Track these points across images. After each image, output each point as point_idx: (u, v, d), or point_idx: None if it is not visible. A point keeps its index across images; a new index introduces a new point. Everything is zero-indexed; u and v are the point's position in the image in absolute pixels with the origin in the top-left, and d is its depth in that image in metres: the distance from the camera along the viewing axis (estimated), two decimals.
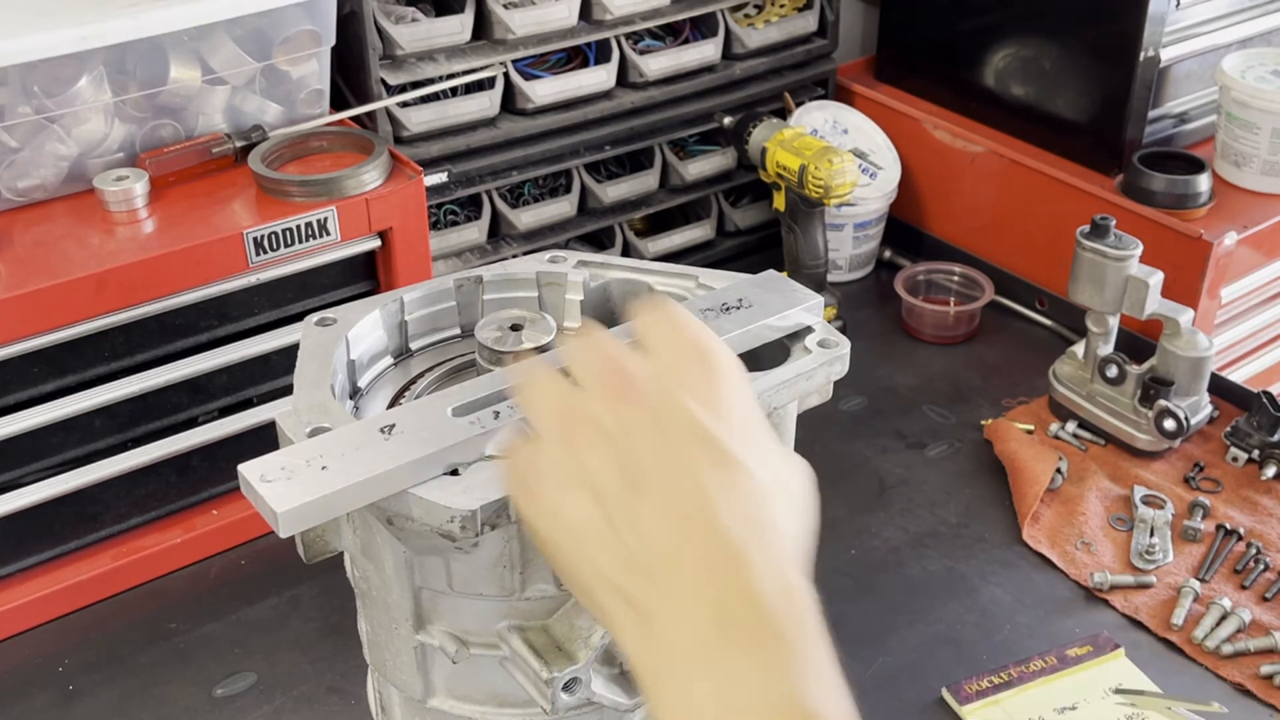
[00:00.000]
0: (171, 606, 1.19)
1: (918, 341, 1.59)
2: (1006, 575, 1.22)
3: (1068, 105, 1.54)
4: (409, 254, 1.23)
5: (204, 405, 1.20)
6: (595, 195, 1.57)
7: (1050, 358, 1.45)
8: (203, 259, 1.12)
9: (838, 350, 0.82)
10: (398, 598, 0.76)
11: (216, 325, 1.18)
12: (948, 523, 1.29)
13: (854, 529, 1.28)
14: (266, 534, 1.25)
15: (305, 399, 0.75)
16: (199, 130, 1.23)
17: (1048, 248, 1.56)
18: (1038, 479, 1.29)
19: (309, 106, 1.29)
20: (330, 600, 1.18)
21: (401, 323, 0.89)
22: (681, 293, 0.90)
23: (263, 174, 1.19)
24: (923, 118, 1.68)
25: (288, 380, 0.76)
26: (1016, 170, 1.58)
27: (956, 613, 1.18)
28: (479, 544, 0.71)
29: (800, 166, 1.47)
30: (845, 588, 1.20)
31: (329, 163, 1.24)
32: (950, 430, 1.43)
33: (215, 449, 1.21)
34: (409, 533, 0.70)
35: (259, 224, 1.14)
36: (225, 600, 1.19)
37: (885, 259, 1.74)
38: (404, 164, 1.24)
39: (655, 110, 1.58)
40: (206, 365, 1.17)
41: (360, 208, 1.19)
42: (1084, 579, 1.20)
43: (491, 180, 1.48)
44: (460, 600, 0.76)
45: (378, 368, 0.88)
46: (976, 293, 1.60)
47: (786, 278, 0.86)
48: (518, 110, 1.48)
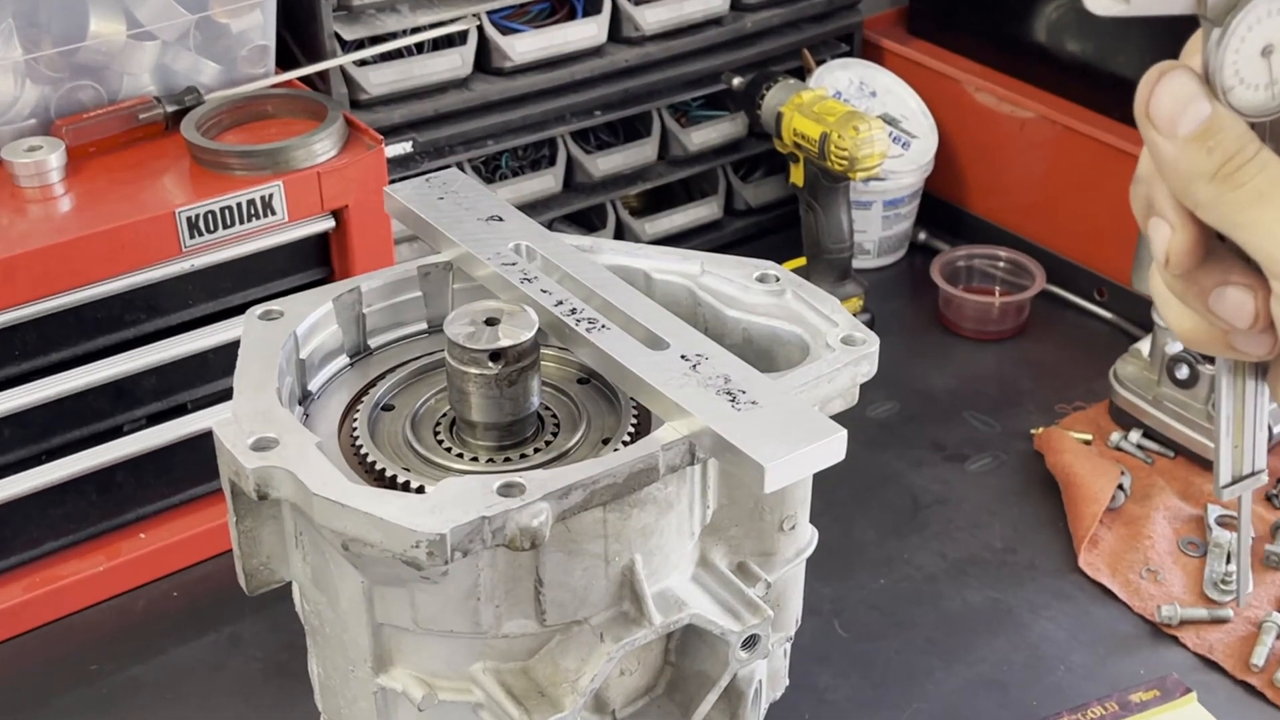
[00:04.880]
0: (92, 645, 1.18)
1: (957, 337, 1.59)
2: (1060, 608, 1.22)
3: (1131, 63, 1.54)
4: (367, 236, 1.23)
5: (130, 412, 1.20)
6: (584, 168, 1.57)
7: (1111, 357, 1.45)
8: (128, 242, 1.12)
9: (864, 348, 0.82)
10: (355, 635, 0.76)
11: (144, 319, 1.18)
12: (992, 548, 1.29)
13: (884, 555, 1.28)
14: (202, 562, 1.25)
15: (247, 405, 0.75)
16: (124, 93, 1.23)
17: (1108, 229, 1.56)
18: (1096, 497, 1.29)
19: (251, 65, 1.29)
20: (276, 638, 1.18)
21: (359, 316, 0.89)
22: (684, 281, 0.90)
23: (198, 144, 1.18)
24: (963, 78, 1.68)
25: (227, 383, 0.76)
26: (1072, 139, 1.58)
27: (1002, 652, 1.18)
28: (448, 573, 0.71)
29: (821, 135, 1.47)
30: (873, 623, 1.20)
31: (275, 130, 1.24)
32: (995, 440, 1.43)
33: (143, 462, 1.21)
34: (367, 559, 0.70)
35: (193, 202, 1.14)
36: (154, 638, 1.19)
37: (920, 242, 1.74)
38: (362, 132, 1.24)
39: (653, 70, 1.58)
40: (133, 365, 1.17)
41: (311, 183, 1.19)
42: (1150, 612, 1.20)
43: (464, 151, 1.48)
44: (427, 638, 0.76)
45: (331, 368, 0.88)
46: (1025, 281, 1.60)
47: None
48: (493, 69, 1.48)
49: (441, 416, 0.85)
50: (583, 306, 0.82)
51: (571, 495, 0.70)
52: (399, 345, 0.92)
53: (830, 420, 0.72)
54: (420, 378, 0.88)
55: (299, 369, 0.84)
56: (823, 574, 1.17)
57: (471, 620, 0.75)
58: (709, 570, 0.84)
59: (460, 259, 0.90)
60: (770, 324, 0.87)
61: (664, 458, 0.73)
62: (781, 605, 0.91)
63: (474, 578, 0.73)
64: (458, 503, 0.68)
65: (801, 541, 0.91)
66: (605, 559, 0.76)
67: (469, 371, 0.79)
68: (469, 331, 0.79)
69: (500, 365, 0.78)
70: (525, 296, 0.83)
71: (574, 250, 0.89)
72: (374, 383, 0.87)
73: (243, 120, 1.26)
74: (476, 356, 0.78)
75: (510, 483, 0.69)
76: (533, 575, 0.75)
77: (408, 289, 0.91)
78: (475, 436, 0.81)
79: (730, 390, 0.74)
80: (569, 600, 0.77)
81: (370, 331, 0.91)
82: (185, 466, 1.23)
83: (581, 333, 0.80)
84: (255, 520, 0.78)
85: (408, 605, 0.74)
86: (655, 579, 0.79)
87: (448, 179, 0.95)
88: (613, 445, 0.81)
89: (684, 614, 0.80)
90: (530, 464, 0.80)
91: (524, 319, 0.80)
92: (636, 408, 0.83)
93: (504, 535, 0.68)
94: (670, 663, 0.85)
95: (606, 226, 1.61)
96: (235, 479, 0.73)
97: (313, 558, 0.77)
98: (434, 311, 0.92)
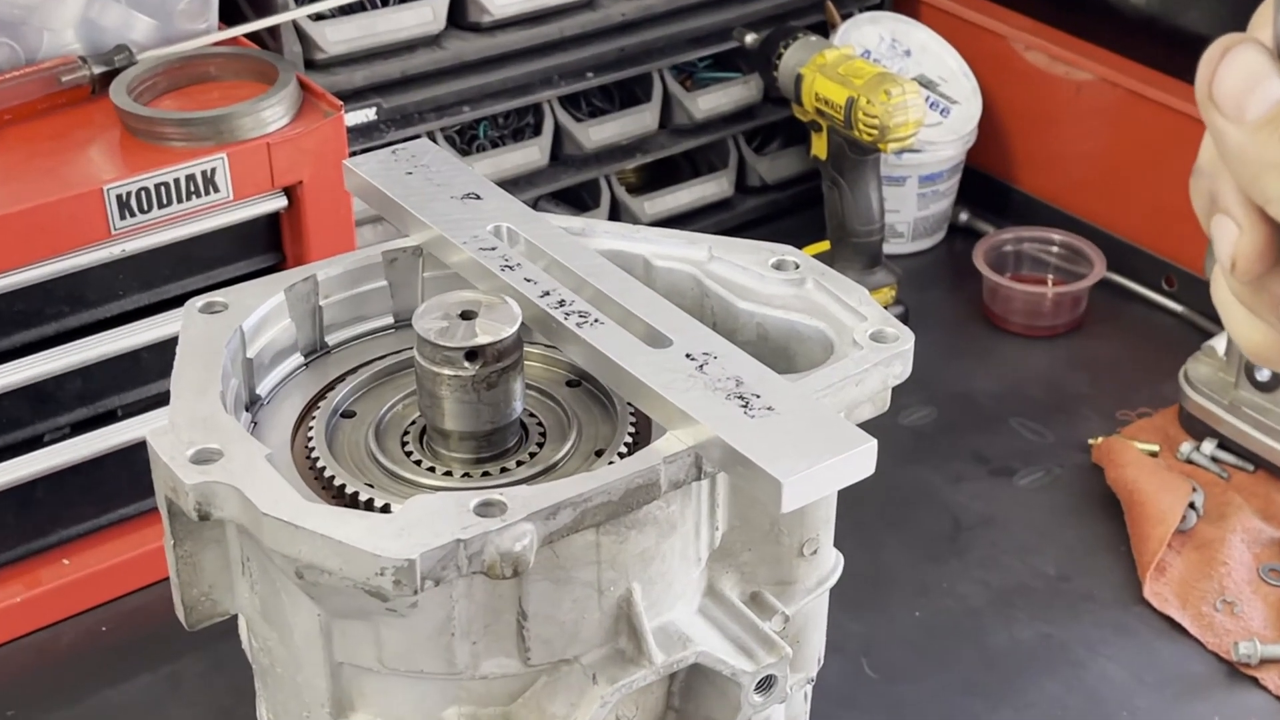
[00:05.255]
0: (8, 688, 1.19)
1: (1004, 333, 1.59)
2: (1122, 645, 1.22)
3: (1204, 18, 1.54)
4: (325, 217, 1.23)
5: (51, 419, 1.20)
6: (574, 138, 1.57)
7: (1181, 356, 1.45)
8: (49, 224, 1.12)
9: (897, 346, 0.82)
10: (310, 676, 0.77)
11: (68, 312, 1.18)
12: (1044, 575, 1.29)
13: (919, 583, 1.28)
14: (134, 592, 1.25)
15: (186, 411, 0.75)
16: (44, 53, 1.23)
17: (1177, 208, 1.56)
18: (1164, 517, 1.29)
19: (190, 20, 1.29)
20: (220, 679, 1.18)
21: (315, 309, 0.89)
22: (689, 269, 0.90)
23: (129, 110, 1.19)
24: (1011, 34, 1.68)
25: (164, 386, 0.77)
26: (1136, 104, 1.58)
27: (1055, 694, 1.18)
28: (418, 605, 0.71)
29: (848, 100, 1.47)
30: (908, 661, 1.20)
31: (218, 95, 1.24)
32: (1047, 452, 1.43)
33: (67, 477, 1.21)
34: (324, 589, 0.70)
35: (124, 177, 1.14)
36: (81, 679, 1.19)
37: (961, 223, 1.74)
38: (318, 97, 1.24)
39: (654, 24, 1.58)
40: (55, 366, 1.17)
41: (259, 155, 1.19)
42: (1225, 650, 1.20)
43: (435, 118, 1.48)
44: (394, 680, 0.76)
45: (283, 369, 0.88)
46: (1082, 269, 1.60)
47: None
48: (469, 24, 1.48)
49: (410, 424, 0.85)
50: (573, 298, 0.82)
51: (560, 515, 0.70)
52: (361, 342, 0.92)
53: (858, 429, 0.72)
54: (385, 380, 0.88)
55: (246, 370, 0.84)
56: (849, 606, 1.17)
57: (445, 659, 0.75)
58: (718, 601, 0.84)
59: (431, 243, 0.90)
60: (788, 318, 0.88)
61: (666, 472, 0.73)
62: (801, 642, 0.91)
63: (447, 610, 0.73)
64: (429, 524, 0.68)
65: (824, 569, 0.91)
66: (598, 589, 0.76)
67: (442, 373, 0.79)
68: (441, 327, 0.79)
69: (477, 366, 0.78)
70: (506, 286, 0.83)
71: (562, 233, 0.89)
72: (332, 385, 0.87)
73: (181, 83, 1.26)
74: (450, 355, 0.78)
75: (489, 501, 0.69)
76: (515, 607, 0.75)
77: (371, 278, 0.91)
78: (449, 448, 0.82)
79: (742, 394, 0.74)
80: (557, 636, 0.77)
81: (328, 327, 0.91)
82: (115, 482, 1.23)
83: (571, 328, 0.80)
84: (196, 544, 0.78)
85: (371, 642, 0.75)
86: (656, 611, 0.79)
87: (417, 151, 0.95)
88: (607, 458, 0.81)
89: (689, 652, 0.80)
90: (512, 479, 0.80)
91: (505, 312, 0.80)
92: (634, 414, 0.83)
93: (482, 561, 0.68)
94: (673, 708, 0.85)
95: (600, 206, 1.61)
96: (173, 496, 0.73)
97: (262, 587, 0.77)
98: (401, 304, 0.92)
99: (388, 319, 0.93)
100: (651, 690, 0.82)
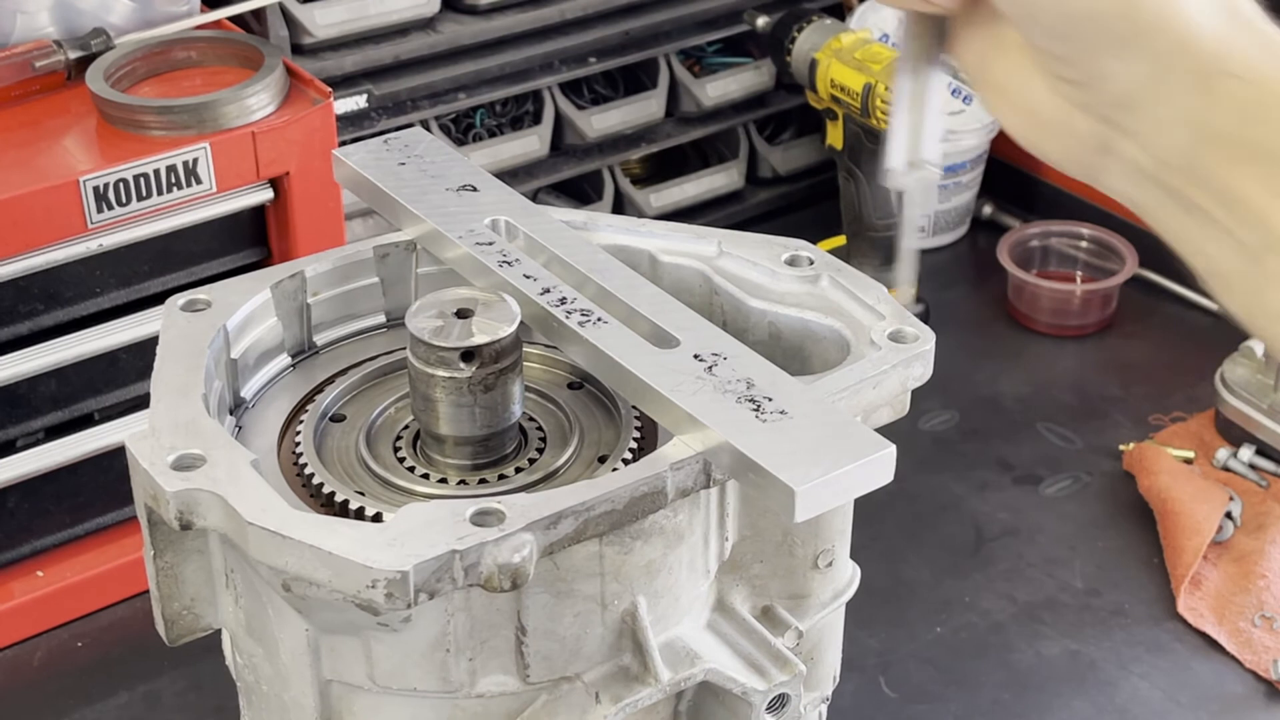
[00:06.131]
0: None
1: (1030, 333, 1.59)
2: (1155, 663, 1.22)
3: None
4: (313, 210, 1.23)
5: (24, 423, 1.20)
6: (576, 127, 1.57)
7: (1217, 357, 1.45)
8: (22, 218, 1.12)
9: (917, 346, 0.82)
10: (297, 694, 0.77)
11: (42, 310, 1.18)
12: (1072, 589, 1.29)
13: (940, 598, 1.28)
14: (112, 605, 1.25)
15: (167, 415, 0.76)
16: (16, 37, 1.23)
17: None
18: (1199, 527, 1.29)
19: (171, 2, 1.29)
20: (202, 697, 1.18)
21: (302, 307, 0.90)
22: (698, 265, 0.91)
23: (107, 97, 1.19)
24: None
25: (144, 388, 0.77)
26: None
27: (1085, 715, 1.18)
28: (411, 619, 0.71)
29: (865, 87, 1.47)
30: (928, 680, 1.20)
31: (200, 81, 1.24)
32: (1076, 459, 1.43)
33: (40, 484, 1.22)
34: (313, 603, 0.71)
35: (101, 168, 1.14)
36: (55, 697, 1.19)
37: (985, 217, 1.74)
38: (306, 83, 1.24)
39: (660, 7, 1.59)
40: (28, 367, 1.17)
41: (244, 145, 1.19)
42: (1264, 668, 1.20)
43: (429, 106, 1.48)
44: (385, 698, 0.76)
45: (269, 370, 0.88)
46: (1113, 265, 1.60)
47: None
48: (465, 7, 1.48)
49: (403, 429, 0.85)
50: (574, 295, 0.82)
51: (561, 525, 0.70)
52: (351, 342, 0.92)
53: (875, 434, 0.72)
54: (377, 382, 0.88)
55: (230, 371, 0.84)
56: (866, 621, 1.17)
57: (439, 676, 0.75)
58: (728, 616, 0.84)
59: (425, 237, 0.90)
60: (802, 316, 0.88)
61: (673, 479, 0.73)
62: (816, 659, 0.92)
63: (442, 625, 0.73)
64: (422, 534, 0.68)
65: (840, 582, 0.91)
66: (601, 602, 0.77)
67: (436, 374, 0.79)
68: (436, 326, 0.79)
69: (474, 367, 0.79)
70: (504, 283, 0.83)
71: (564, 227, 0.89)
72: (321, 388, 0.87)
73: (161, 69, 1.26)
74: (445, 356, 0.78)
75: (486, 509, 0.69)
76: (513, 622, 0.75)
77: (361, 274, 0.91)
78: (444, 453, 0.82)
79: (753, 397, 0.74)
80: (557, 652, 0.77)
81: (316, 326, 0.91)
82: (92, 490, 1.24)
83: (573, 327, 0.80)
84: (177, 555, 0.78)
85: (362, 658, 0.75)
86: (662, 626, 0.80)
87: (410, 140, 0.96)
88: (611, 464, 0.81)
89: (697, 669, 0.80)
90: (511, 486, 0.80)
91: (503, 311, 0.80)
92: (639, 418, 0.83)
93: (478, 573, 0.68)
94: None
95: (603, 198, 1.61)
96: (153, 505, 0.74)
97: (247, 600, 0.77)
98: (394, 301, 0.92)
99: (379, 318, 0.93)
100: (657, 710, 0.82)
